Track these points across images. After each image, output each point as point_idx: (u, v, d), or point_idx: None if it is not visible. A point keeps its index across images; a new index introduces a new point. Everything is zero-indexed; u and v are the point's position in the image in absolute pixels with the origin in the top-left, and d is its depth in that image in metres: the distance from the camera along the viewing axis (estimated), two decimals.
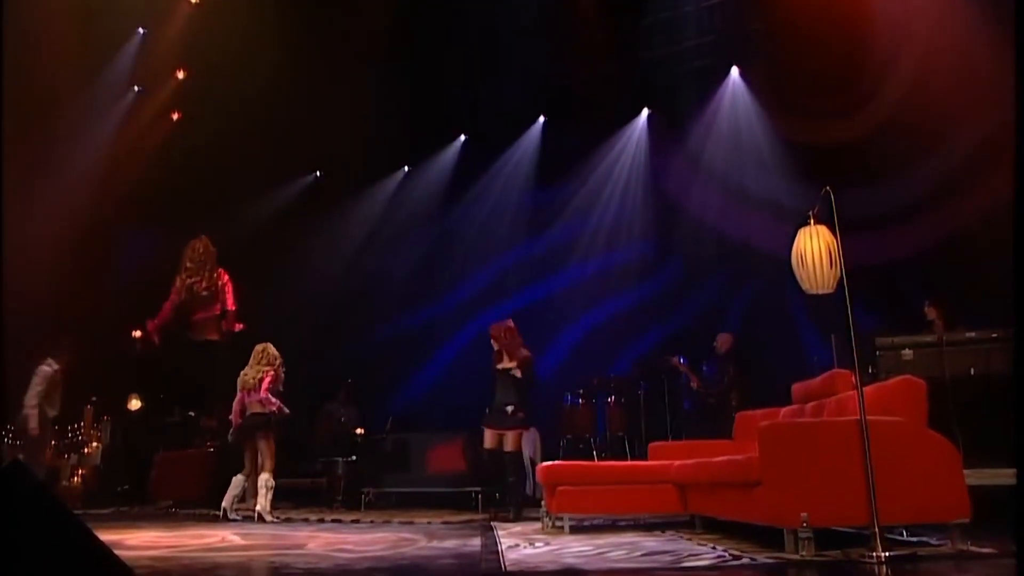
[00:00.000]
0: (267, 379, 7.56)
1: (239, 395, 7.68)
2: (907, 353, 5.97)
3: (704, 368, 8.95)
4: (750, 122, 10.50)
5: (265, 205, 12.21)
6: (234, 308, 10.81)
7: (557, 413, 9.96)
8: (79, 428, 9.50)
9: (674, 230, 11.20)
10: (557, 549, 4.41)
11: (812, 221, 4.50)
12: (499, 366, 7.17)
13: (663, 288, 11.15)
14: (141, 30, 10.67)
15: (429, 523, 6.61)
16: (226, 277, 11.05)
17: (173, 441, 9.76)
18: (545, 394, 10.84)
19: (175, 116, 11.89)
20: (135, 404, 9.93)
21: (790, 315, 10.54)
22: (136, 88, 11.34)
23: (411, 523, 6.66)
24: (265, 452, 7.36)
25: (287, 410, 7.64)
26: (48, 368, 7.88)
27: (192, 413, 10.11)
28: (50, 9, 9.13)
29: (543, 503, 5.83)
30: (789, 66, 10.14)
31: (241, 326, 10.60)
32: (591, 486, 5.43)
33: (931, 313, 6.79)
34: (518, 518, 6.53)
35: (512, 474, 6.97)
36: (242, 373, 7.76)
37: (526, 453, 8.36)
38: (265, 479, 7.26)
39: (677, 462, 5.35)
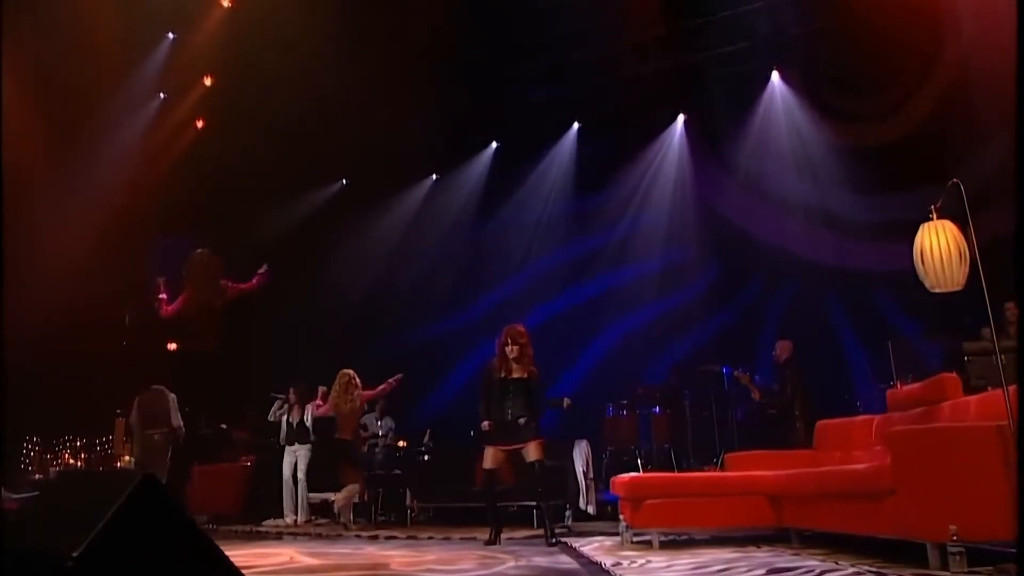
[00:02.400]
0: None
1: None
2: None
3: (756, 377, 8.72)
4: (791, 126, 10.34)
5: (290, 213, 11.99)
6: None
7: (598, 424, 9.72)
8: (108, 441, 9.20)
9: (709, 236, 11.02)
10: (668, 566, 4.16)
11: (934, 216, 4.26)
12: (512, 375, 6.26)
13: (698, 295, 10.97)
14: (171, 35, 10.41)
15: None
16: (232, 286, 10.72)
17: (205, 454, 9.44)
18: (584, 404, 10.66)
19: (199, 123, 11.71)
20: None
21: (828, 322, 10.41)
22: (161, 95, 11.14)
23: (473, 539, 6.39)
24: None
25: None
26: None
27: (224, 425, 9.81)
28: (83, 10, 8.90)
29: (622, 517, 5.57)
30: (828, 70, 10.05)
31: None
32: (679, 498, 5.19)
33: (1011, 312, 6.53)
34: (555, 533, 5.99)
35: (544, 486, 6.24)
36: (334, 399, 7.99)
37: (578, 466, 8.11)
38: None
39: (770, 472, 5.11)
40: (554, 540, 5.78)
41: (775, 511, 5.08)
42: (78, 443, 9.44)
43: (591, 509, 7.98)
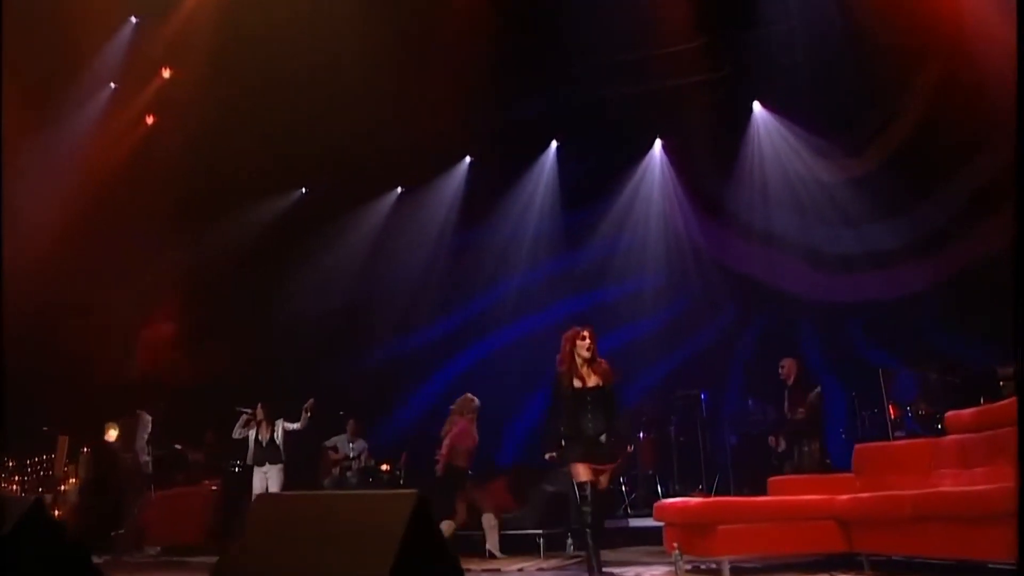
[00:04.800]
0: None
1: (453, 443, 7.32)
2: None
3: (750, 402, 8.72)
4: (770, 158, 10.51)
5: (247, 221, 11.25)
6: None
7: None
8: (47, 461, 8.23)
9: (683, 262, 11.06)
10: None
11: None
12: (588, 384, 5.58)
13: (671, 320, 10.94)
14: (133, 19, 9.64)
15: (521, 570, 5.96)
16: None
17: (160, 477, 8.62)
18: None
19: (150, 120, 10.90)
20: (113, 434, 8.70)
21: (798, 351, 10.59)
22: (112, 85, 10.28)
23: (497, 571, 5.98)
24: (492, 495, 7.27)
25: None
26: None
27: (179, 446, 8.97)
28: None
29: (675, 546, 5.29)
30: (808, 102, 10.29)
31: None
32: (754, 524, 4.98)
33: None
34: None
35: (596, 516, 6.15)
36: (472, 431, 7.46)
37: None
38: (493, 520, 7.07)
39: (846, 496, 4.99)
40: (602, 571, 5.45)
41: (844, 536, 4.96)
42: (10, 463, 8.39)
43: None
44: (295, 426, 8.04)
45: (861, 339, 10.10)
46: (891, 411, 8.35)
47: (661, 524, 6.16)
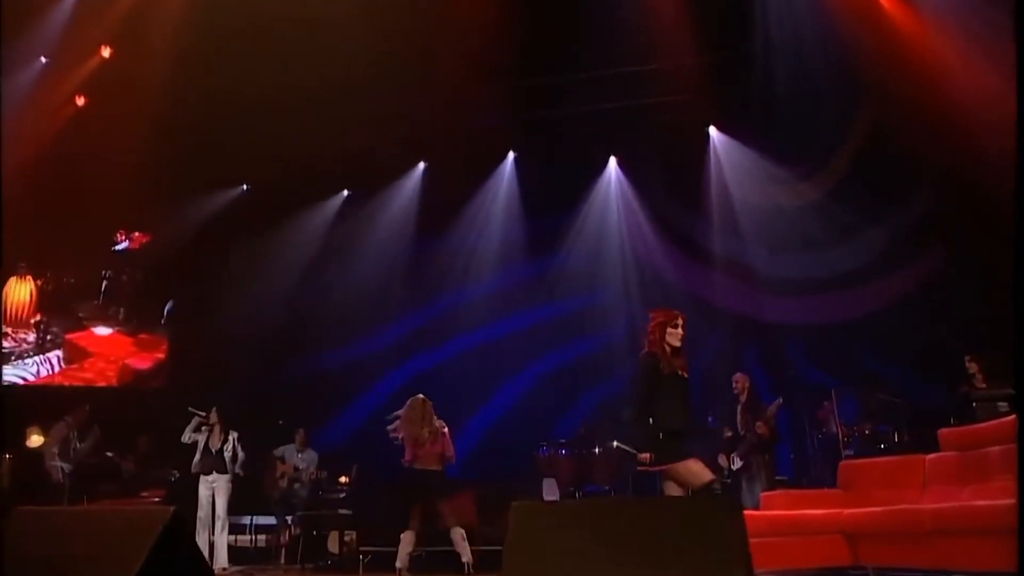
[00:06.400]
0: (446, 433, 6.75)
1: (410, 450, 6.57)
2: (1003, 405, 6.17)
3: (710, 419, 8.79)
4: (720, 183, 10.73)
5: (182, 217, 10.58)
6: None
7: (532, 464, 9.35)
8: None
9: (631, 279, 11.14)
10: None
11: None
12: (680, 373, 4.84)
13: (619, 337, 10.98)
14: None
15: None
16: None
17: (88, 489, 7.89)
18: (506, 441, 10.20)
19: (80, 100, 10.13)
20: (36, 440, 7.91)
21: (740, 369, 10.83)
22: (43, 59, 9.50)
23: None
24: (447, 508, 6.54)
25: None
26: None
27: (110, 454, 8.26)
28: None
29: None
30: (760, 126, 10.57)
31: None
32: (762, 538, 4.96)
33: (972, 367, 7.12)
34: None
35: None
36: (411, 427, 6.61)
37: None
38: (462, 533, 6.46)
39: (858, 510, 5.06)
40: None
41: (851, 550, 5.02)
42: None
43: None
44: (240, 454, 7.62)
45: (802, 360, 10.42)
46: (840, 430, 8.61)
47: None
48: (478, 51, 9.85)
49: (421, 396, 6.70)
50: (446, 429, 6.63)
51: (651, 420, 4.68)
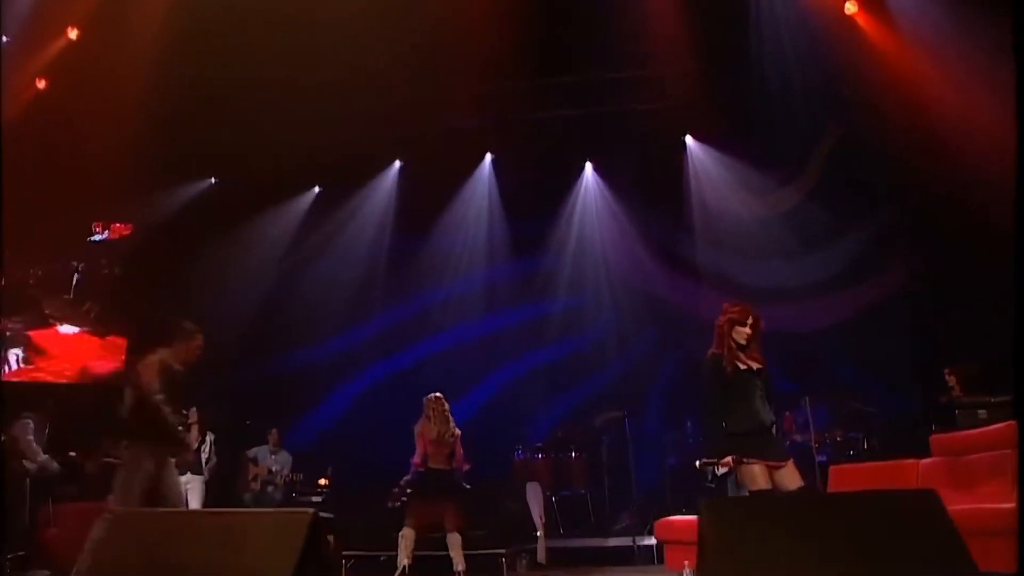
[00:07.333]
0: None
1: (421, 451, 6.47)
2: (982, 413, 6.35)
3: (688, 424, 8.86)
4: (696, 191, 10.83)
5: (148, 209, 10.19)
6: None
7: (508, 467, 9.29)
8: None
9: (606, 285, 11.17)
10: None
11: None
12: (751, 364, 4.71)
13: (595, 341, 11.01)
14: None
15: None
16: None
17: (49, 490, 7.50)
18: (479, 443, 10.09)
19: (41, 83, 9.67)
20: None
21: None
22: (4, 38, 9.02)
23: None
24: (451, 511, 6.44)
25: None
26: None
27: (73, 453, 7.88)
28: None
29: (685, 564, 5.23)
30: (736, 136, 10.69)
31: None
32: None
33: (951, 380, 7.33)
34: None
35: None
36: (430, 427, 6.51)
37: (534, 511, 7.62)
38: (459, 540, 6.39)
39: None
40: None
41: None
42: None
43: (543, 558, 7.50)
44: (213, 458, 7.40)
45: (774, 369, 10.57)
46: (813, 437, 8.78)
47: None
48: (455, 51, 9.82)
49: (437, 394, 6.61)
50: (458, 432, 6.52)
51: (724, 424, 4.52)
